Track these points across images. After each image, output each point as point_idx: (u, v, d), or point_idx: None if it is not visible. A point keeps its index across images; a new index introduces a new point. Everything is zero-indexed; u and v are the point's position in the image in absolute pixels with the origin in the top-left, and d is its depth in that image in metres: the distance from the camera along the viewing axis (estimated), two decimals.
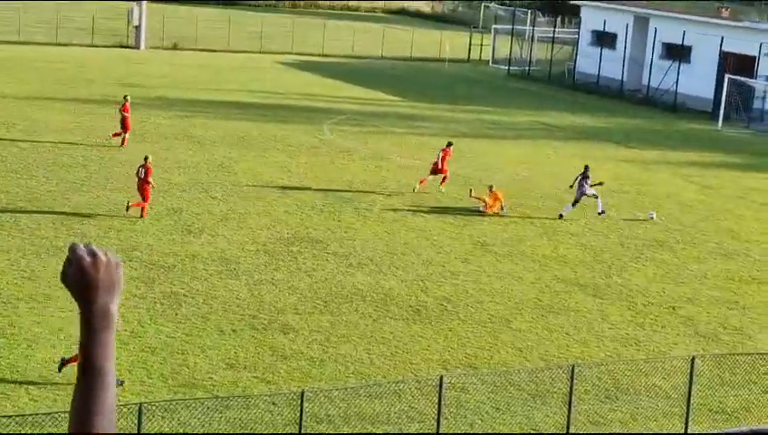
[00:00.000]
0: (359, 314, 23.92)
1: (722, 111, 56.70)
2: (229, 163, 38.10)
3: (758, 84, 58.50)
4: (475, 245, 30.16)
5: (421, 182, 35.56)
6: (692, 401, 19.03)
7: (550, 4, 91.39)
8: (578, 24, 76.17)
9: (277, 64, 69.44)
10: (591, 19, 72.07)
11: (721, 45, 60.62)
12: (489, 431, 18.43)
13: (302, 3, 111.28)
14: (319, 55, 76.09)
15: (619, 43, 67.99)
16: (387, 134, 45.43)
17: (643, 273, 28.54)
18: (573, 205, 33.62)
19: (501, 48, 78.37)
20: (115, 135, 39.53)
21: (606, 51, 67.93)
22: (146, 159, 30.81)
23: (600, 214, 33.91)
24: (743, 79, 57.62)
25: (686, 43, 62.62)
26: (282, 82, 61.07)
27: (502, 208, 33.49)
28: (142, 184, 30.32)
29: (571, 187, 34.21)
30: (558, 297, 26.01)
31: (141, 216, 30.00)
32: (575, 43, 74.04)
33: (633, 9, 69.26)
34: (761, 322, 25.24)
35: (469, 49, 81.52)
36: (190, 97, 52.06)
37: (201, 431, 17.50)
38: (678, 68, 61.52)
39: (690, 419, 19.04)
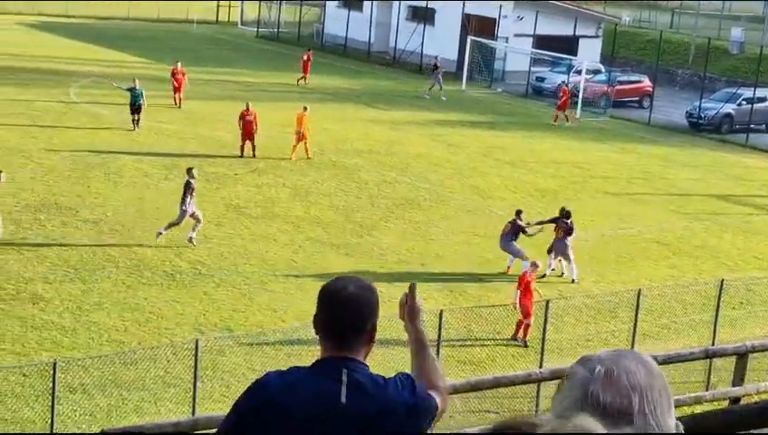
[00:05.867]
0: (111, 281, 23.57)
1: (465, 72, 58.53)
2: None
3: (498, 45, 60.65)
4: (228, 208, 30.17)
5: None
6: (441, 353, 19.75)
7: None
8: None
9: (17, 25, 66.87)
10: None
11: (463, 7, 62.42)
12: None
13: None
14: (63, 16, 73.77)
15: (366, 5, 68.95)
16: None
17: (393, 231, 29.27)
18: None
19: (249, 10, 78.09)
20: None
21: (353, 13, 68.77)
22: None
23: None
24: (484, 40, 59.62)
25: (430, 5, 64.15)
26: (23, 43, 58.91)
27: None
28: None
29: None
30: (311, 258, 26.38)
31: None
32: (323, 5, 74.61)
33: None
34: (502, 276, 26.35)
35: (217, 10, 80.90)
36: None
37: None
38: (423, 30, 62.98)
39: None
